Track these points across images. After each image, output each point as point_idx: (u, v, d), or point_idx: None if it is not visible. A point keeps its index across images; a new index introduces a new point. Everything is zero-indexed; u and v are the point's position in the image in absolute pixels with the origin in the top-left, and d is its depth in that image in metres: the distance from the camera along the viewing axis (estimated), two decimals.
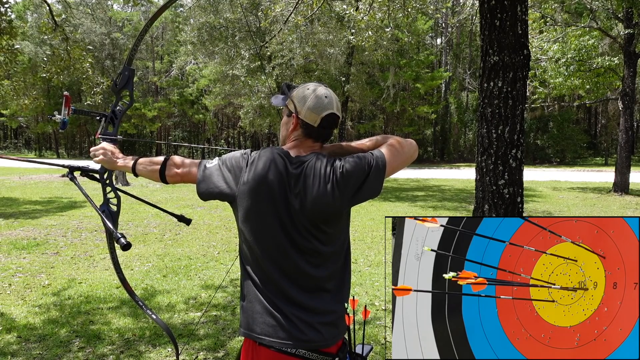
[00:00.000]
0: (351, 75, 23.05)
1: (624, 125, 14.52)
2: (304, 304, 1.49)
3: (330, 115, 1.55)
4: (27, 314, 4.10)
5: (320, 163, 1.50)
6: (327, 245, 1.53)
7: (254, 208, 1.50)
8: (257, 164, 1.52)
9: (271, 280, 1.51)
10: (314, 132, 1.57)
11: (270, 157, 1.53)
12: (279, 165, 1.51)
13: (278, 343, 1.46)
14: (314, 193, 1.47)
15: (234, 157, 1.59)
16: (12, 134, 56.05)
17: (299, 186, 1.48)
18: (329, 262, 1.55)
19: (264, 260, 1.51)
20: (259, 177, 1.50)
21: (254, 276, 1.54)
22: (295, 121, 1.57)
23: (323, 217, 1.50)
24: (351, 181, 1.48)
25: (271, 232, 1.49)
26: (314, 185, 1.47)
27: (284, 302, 1.49)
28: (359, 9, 10.96)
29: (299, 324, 1.47)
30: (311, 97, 1.55)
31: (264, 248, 1.51)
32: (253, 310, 1.52)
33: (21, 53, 13.65)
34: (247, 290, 1.55)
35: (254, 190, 1.50)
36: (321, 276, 1.52)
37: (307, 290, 1.51)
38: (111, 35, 42.93)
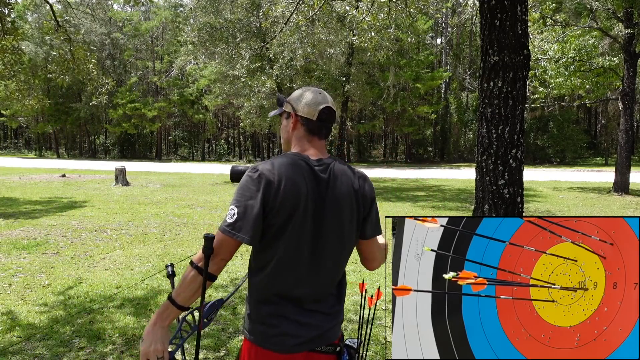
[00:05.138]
0: (351, 75, 23.05)
1: (624, 125, 14.52)
2: (316, 309, 1.54)
3: (327, 108, 1.60)
4: (28, 314, 4.10)
5: (343, 166, 1.59)
6: (347, 249, 1.59)
7: (289, 220, 1.46)
8: (282, 174, 1.46)
9: (289, 287, 1.51)
10: (315, 126, 1.59)
11: (294, 164, 1.50)
12: (304, 171, 1.50)
13: (290, 347, 1.49)
14: (344, 193, 1.53)
15: (245, 187, 1.47)
16: (12, 134, 56.07)
17: (329, 189, 1.51)
18: (342, 267, 1.61)
19: (286, 269, 1.50)
20: (289, 188, 1.45)
21: (269, 284, 1.52)
22: (295, 119, 1.61)
23: (349, 219, 1.54)
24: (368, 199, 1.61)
25: (302, 240, 1.48)
26: (341, 186, 1.53)
27: (298, 308, 1.51)
28: (358, 8, 10.97)
29: (311, 327, 1.52)
30: (306, 94, 1.61)
31: (290, 257, 1.49)
32: (264, 316, 1.51)
33: (24, 53, 13.66)
34: (259, 297, 1.54)
35: (287, 203, 1.45)
36: (334, 279, 1.58)
37: (320, 294, 1.55)
38: (111, 35, 42.95)
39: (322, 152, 1.60)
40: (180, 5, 45.86)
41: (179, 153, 50.83)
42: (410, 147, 42.55)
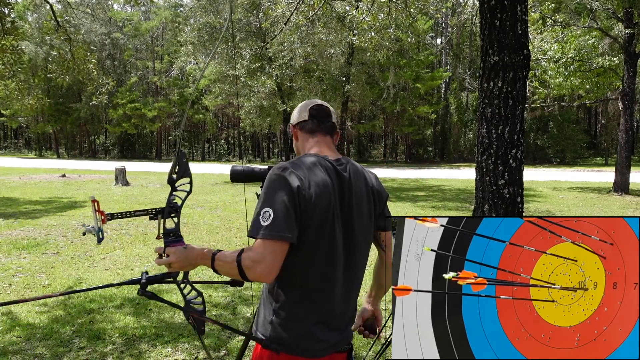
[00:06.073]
0: (351, 75, 23.04)
1: (624, 125, 14.51)
2: (344, 311, 1.57)
3: (316, 104, 1.65)
4: (28, 314, 4.10)
5: (357, 165, 1.61)
6: (369, 247, 1.62)
7: (324, 221, 1.43)
8: (310, 173, 1.44)
9: (325, 293, 1.49)
10: (310, 124, 1.63)
11: (319, 163, 1.49)
12: (329, 170, 1.49)
13: (318, 352, 1.49)
14: (363, 191, 1.56)
15: (275, 187, 1.39)
16: (12, 134, 56.07)
17: (352, 188, 1.53)
18: (366, 265, 1.63)
19: (321, 273, 1.47)
20: (320, 187, 1.42)
21: (302, 290, 1.48)
22: (293, 129, 1.68)
23: (368, 216, 1.57)
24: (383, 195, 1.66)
25: (337, 242, 1.47)
26: (360, 184, 1.56)
27: (330, 312, 1.51)
28: (358, 8, 10.97)
29: (338, 330, 1.55)
30: (297, 107, 1.70)
31: (326, 261, 1.46)
32: (295, 323, 1.48)
33: (24, 53, 13.68)
34: (289, 303, 1.48)
35: (319, 202, 1.41)
36: (361, 279, 1.62)
37: (350, 296, 1.58)
38: (111, 35, 42.95)
39: (333, 150, 1.62)
40: (180, 5, 45.87)
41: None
42: (410, 147, 42.55)
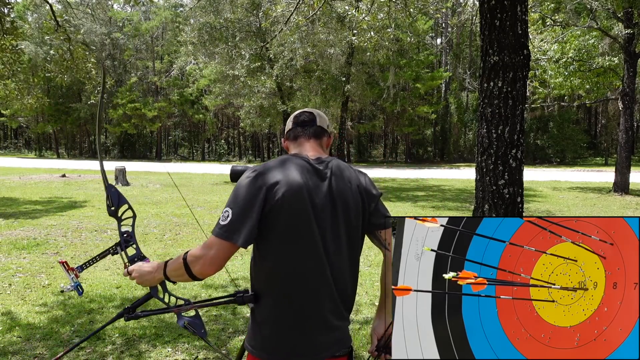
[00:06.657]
0: (351, 75, 23.03)
1: (624, 125, 14.52)
2: (336, 313, 1.54)
3: (301, 112, 1.67)
4: (28, 314, 4.10)
5: (342, 164, 1.58)
6: (357, 245, 1.57)
7: (297, 220, 1.42)
8: (281, 172, 1.44)
9: (307, 293, 1.47)
10: (295, 131, 1.64)
11: (292, 162, 1.49)
12: (305, 170, 1.48)
13: (312, 357, 1.48)
14: (347, 188, 1.53)
15: (241, 188, 1.45)
16: (12, 134, 56.06)
17: (332, 185, 1.50)
18: (357, 265, 1.60)
19: (301, 274, 1.45)
20: (290, 186, 1.42)
21: (281, 296, 1.46)
22: (285, 140, 1.70)
23: (355, 214, 1.54)
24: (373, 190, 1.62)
25: (315, 240, 1.44)
26: (344, 181, 1.53)
27: (318, 314, 1.49)
28: (359, 8, 10.97)
29: (332, 334, 1.52)
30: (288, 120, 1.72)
31: (306, 260, 1.45)
32: (279, 330, 1.46)
33: (23, 53, 13.68)
34: (274, 308, 1.47)
35: (289, 201, 1.41)
36: (353, 278, 1.59)
37: (339, 296, 1.54)
38: (111, 35, 42.94)
39: (318, 151, 1.60)
40: (180, 5, 45.86)
41: (179, 153, 50.83)
42: (410, 147, 42.55)
